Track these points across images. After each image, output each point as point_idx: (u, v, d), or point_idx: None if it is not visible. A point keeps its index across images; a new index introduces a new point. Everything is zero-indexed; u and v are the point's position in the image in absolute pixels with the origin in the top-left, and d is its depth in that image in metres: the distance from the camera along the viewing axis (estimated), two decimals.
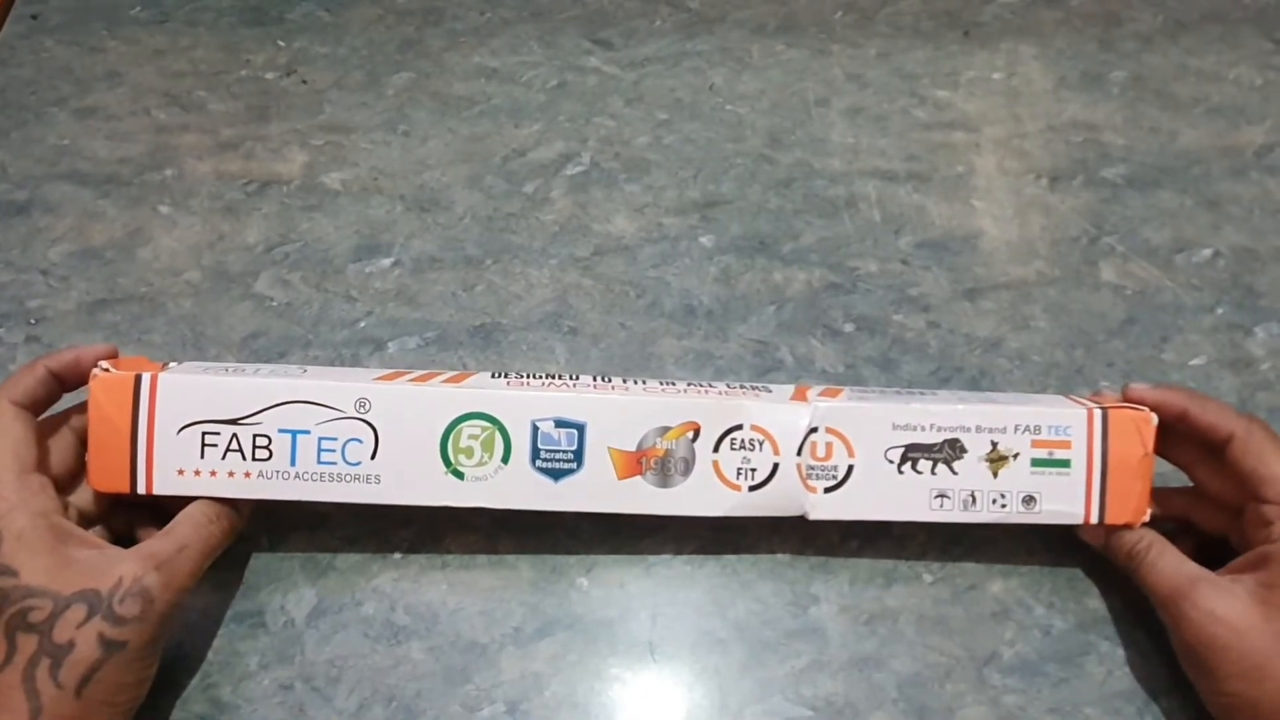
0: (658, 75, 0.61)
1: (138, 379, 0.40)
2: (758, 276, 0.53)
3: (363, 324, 0.51)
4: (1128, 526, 0.40)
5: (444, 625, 0.42)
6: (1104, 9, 0.64)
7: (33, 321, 0.51)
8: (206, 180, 0.56)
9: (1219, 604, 0.37)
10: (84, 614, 0.34)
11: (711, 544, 0.44)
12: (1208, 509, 0.42)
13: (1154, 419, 0.40)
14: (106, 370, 0.40)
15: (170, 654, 0.41)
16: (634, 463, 0.40)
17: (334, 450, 0.40)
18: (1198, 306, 0.51)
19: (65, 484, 0.40)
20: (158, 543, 0.37)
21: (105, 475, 0.40)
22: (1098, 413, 0.40)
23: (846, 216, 0.55)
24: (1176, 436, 0.41)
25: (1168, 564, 0.39)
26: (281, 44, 0.63)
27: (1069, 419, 0.40)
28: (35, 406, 0.39)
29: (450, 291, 0.52)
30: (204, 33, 0.63)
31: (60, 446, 0.40)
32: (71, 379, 0.40)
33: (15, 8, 0.64)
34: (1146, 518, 0.40)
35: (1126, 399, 0.41)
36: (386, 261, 0.53)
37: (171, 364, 0.42)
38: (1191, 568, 0.38)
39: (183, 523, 0.39)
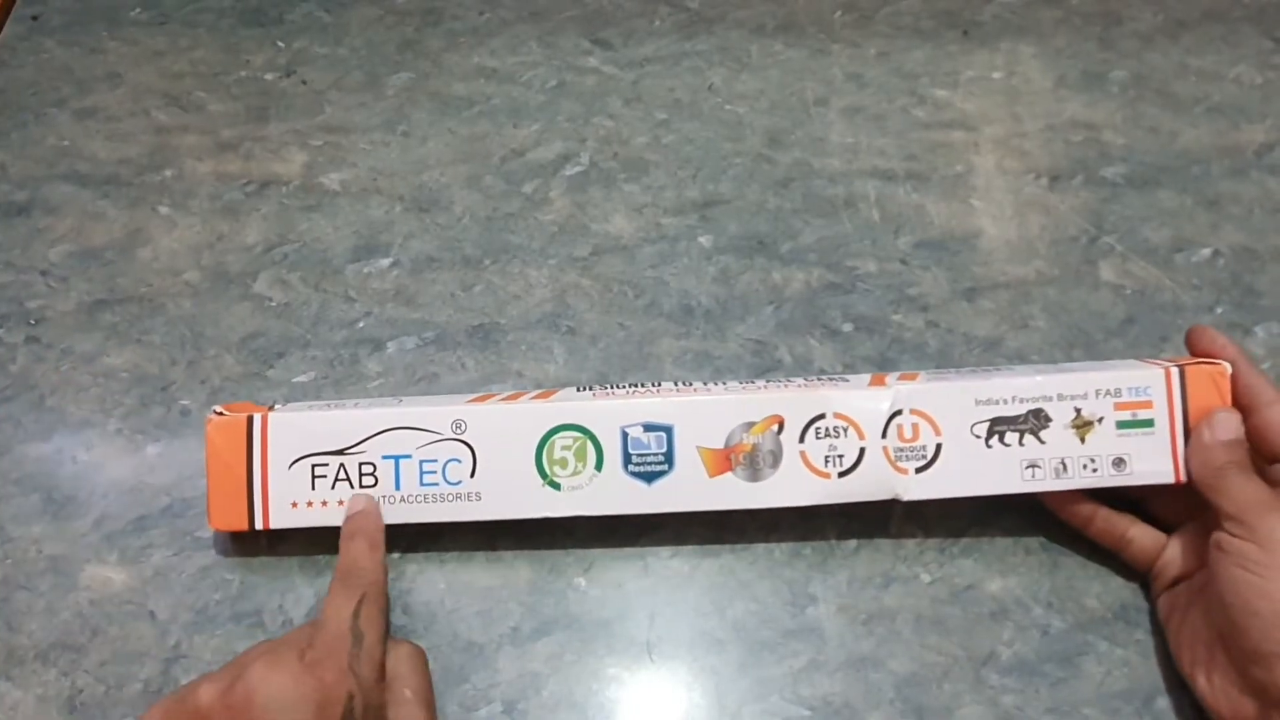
0: (657, 75, 0.61)
1: (249, 419, 0.42)
2: (756, 276, 0.52)
3: (361, 324, 0.51)
4: None
5: (441, 624, 0.42)
6: (1104, 8, 0.64)
7: (32, 322, 0.51)
8: (206, 181, 0.56)
9: None
10: None
11: (710, 542, 0.44)
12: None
13: (1228, 370, 0.41)
14: (220, 413, 0.42)
15: (169, 654, 0.42)
16: (724, 459, 0.41)
17: (435, 471, 0.42)
18: (1197, 306, 0.51)
19: None
20: None
21: (224, 515, 0.42)
22: (1174, 370, 0.41)
23: (845, 216, 0.55)
24: None
25: (1251, 479, 0.38)
26: (281, 45, 0.63)
27: (1148, 379, 0.41)
28: None
29: (449, 291, 0.52)
30: (204, 34, 0.63)
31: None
32: None
33: (16, 9, 0.65)
34: None
35: (1194, 340, 0.42)
36: (385, 262, 0.53)
37: (276, 405, 0.44)
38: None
39: None
